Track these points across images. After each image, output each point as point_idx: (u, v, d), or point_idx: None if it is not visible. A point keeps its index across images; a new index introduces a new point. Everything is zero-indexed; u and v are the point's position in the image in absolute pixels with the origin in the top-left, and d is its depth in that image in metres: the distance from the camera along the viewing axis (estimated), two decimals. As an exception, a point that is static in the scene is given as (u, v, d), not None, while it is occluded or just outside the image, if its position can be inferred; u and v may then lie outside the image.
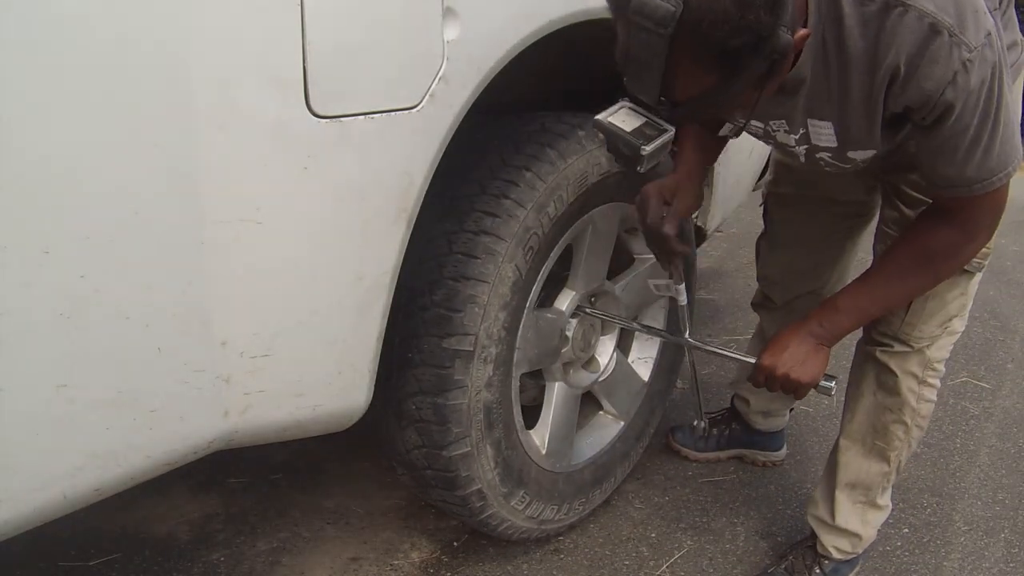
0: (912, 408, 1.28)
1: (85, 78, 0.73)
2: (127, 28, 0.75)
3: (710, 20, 0.77)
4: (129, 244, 0.79)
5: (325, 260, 0.95)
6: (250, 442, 0.99)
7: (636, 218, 1.23)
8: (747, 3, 0.77)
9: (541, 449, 1.40)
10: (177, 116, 0.80)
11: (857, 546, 1.40)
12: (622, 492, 1.70)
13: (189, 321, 0.85)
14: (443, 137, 1.03)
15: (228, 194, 0.85)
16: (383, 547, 1.50)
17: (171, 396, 0.87)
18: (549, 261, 1.30)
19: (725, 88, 0.84)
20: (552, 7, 1.14)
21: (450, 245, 1.18)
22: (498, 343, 1.22)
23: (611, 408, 1.61)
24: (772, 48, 0.82)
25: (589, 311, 1.43)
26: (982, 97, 0.92)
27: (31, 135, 0.72)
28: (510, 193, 1.20)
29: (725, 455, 1.84)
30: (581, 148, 1.29)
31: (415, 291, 1.18)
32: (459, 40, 1.00)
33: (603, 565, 1.48)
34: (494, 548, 1.50)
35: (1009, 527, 1.66)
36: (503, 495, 1.33)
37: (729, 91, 0.85)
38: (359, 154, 0.94)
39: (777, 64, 0.85)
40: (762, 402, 1.74)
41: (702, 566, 1.49)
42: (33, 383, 0.76)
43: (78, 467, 0.81)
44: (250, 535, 1.52)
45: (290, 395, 0.98)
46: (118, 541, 1.50)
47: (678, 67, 0.81)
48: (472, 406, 1.21)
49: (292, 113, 0.87)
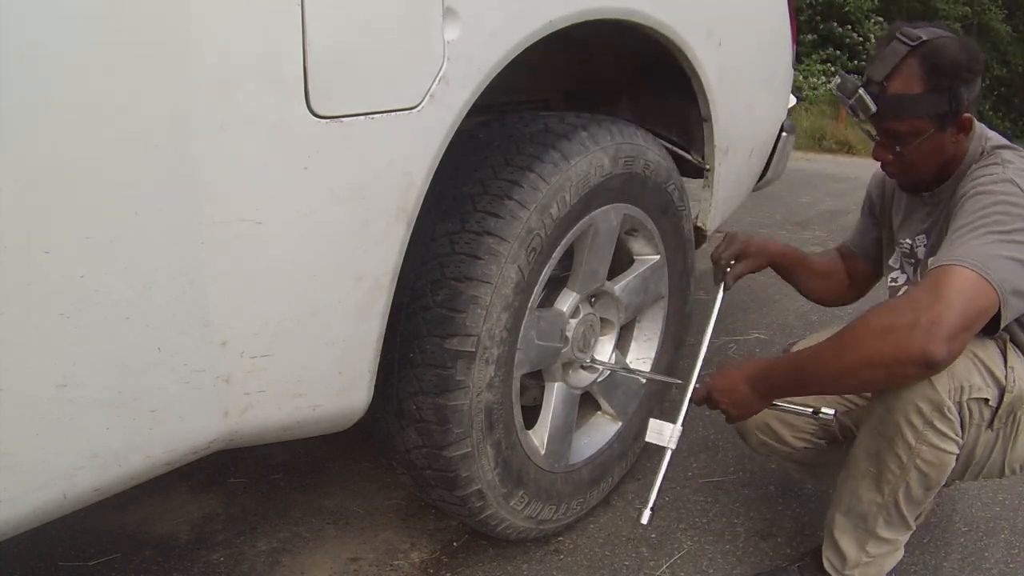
0: (908, 444, 1.16)
1: (85, 78, 0.73)
2: (127, 28, 0.75)
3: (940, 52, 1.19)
4: (129, 244, 0.79)
5: (325, 260, 0.95)
6: (250, 442, 0.99)
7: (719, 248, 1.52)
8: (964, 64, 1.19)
9: (540, 449, 1.40)
10: (177, 116, 0.80)
11: (846, 569, 1.32)
12: (622, 492, 1.70)
13: (189, 321, 0.86)
14: (443, 137, 1.03)
15: (228, 194, 0.85)
16: (383, 547, 1.50)
17: (171, 396, 0.87)
18: (551, 262, 1.30)
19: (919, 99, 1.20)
20: (552, 7, 1.14)
21: (453, 245, 1.18)
22: (500, 344, 1.22)
23: (609, 408, 1.61)
24: (958, 98, 1.19)
25: (590, 364, 1.51)
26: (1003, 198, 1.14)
27: (31, 135, 0.72)
28: (513, 194, 1.20)
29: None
30: (584, 149, 1.29)
31: (417, 291, 1.18)
32: (459, 40, 1.00)
33: (603, 565, 1.48)
34: (494, 548, 1.50)
35: (1009, 528, 1.66)
36: (502, 495, 1.33)
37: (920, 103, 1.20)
38: (359, 154, 0.94)
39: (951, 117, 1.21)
40: None
41: (702, 566, 1.49)
42: (33, 383, 0.76)
43: (78, 467, 0.81)
44: (250, 535, 1.52)
45: (290, 395, 0.98)
46: (118, 541, 1.50)
47: (904, 66, 1.20)
48: (473, 407, 1.21)
49: (292, 113, 0.87)
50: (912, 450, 1.16)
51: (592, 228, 1.37)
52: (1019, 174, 1.18)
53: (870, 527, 1.26)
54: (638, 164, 1.43)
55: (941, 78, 1.19)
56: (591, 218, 1.36)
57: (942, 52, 1.19)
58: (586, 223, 1.35)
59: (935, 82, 1.19)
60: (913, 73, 1.20)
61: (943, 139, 1.24)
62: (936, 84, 1.19)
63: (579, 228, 1.34)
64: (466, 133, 1.30)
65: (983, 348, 1.18)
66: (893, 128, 1.24)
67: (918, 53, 1.19)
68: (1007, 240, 1.10)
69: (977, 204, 1.16)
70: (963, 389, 1.14)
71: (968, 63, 1.20)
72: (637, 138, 1.44)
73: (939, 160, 1.27)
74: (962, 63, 1.19)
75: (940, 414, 1.13)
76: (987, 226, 1.11)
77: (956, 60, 1.19)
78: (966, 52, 1.20)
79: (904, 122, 1.23)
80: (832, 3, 11.45)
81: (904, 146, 1.25)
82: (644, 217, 1.52)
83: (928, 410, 1.13)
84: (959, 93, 1.19)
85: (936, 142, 1.24)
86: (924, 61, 1.19)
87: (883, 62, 1.22)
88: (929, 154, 1.26)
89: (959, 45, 1.21)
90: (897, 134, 1.25)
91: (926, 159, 1.27)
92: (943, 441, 1.15)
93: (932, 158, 1.27)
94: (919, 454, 1.16)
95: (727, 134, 1.71)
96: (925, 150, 1.25)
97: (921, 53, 1.19)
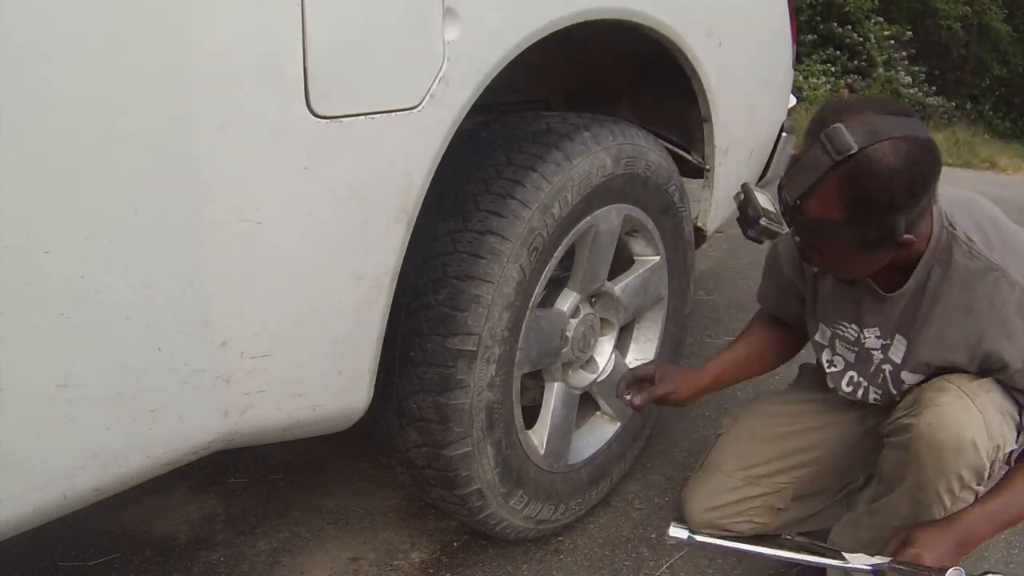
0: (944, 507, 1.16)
1: (85, 78, 0.73)
2: (127, 28, 0.75)
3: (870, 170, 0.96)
4: (129, 244, 0.79)
5: (325, 260, 0.95)
6: (250, 442, 0.99)
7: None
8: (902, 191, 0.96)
9: (540, 449, 1.40)
10: (177, 116, 0.80)
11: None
12: (622, 493, 1.70)
13: (189, 321, 0.86)
14: (443, 137, 1.03)
15: (228, 194, 0.85)
16: (383, 547, 1.50)
17: (171, 396, 0.87)
18: (552, 262, 1.30)
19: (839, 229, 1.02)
20: (552, 7, 1.14)
21: (455, 244, 1.18)
22: (501, 343, 1.22)
23: (608, 408, 1.61)
24: (891, 226, 1.00)
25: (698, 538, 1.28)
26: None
27: (31, 135, 0.72)
28: (516, 193, 1.20)
29: None
30: (586, 149, 1.29)
31: (419, 290, 1.18)
32: (459, 40, 1.00)
33: (603, 566, 1.48)
34: (494, 548, 1.50)
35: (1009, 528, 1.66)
36: (502, 495, 1.33)
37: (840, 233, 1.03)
38: (359, 154, 0.94)
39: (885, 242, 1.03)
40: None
41: (702, 567, 1.49)
42: (33, 383, 0.76)
43: (78, 467, 0.81)
44: (250, 535, 1.52)
45: (290, 395, 0.98)
46: (118, 541, 1.49)
47: (823, 186, 0.99)
48: (474, 406, 1.21)
49: (292, 113, 0.87)
50: (947, 510, 1.16)
51: (593, 228, 1.38)
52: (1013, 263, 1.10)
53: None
54: (639, 164, 1.43)
55: (867, 210, 0.98)
56: (592, 218, 1.36)
57: (872, 175, 0.95)
58: (587, 223, 1.35)
59: (859, 213, 0.99)
60: (833, 197, 0.99)
61: (879, 257, 1.08)
62: (860, 216, 0.99)
63: (580, 228, 1.34)
64: (468, 132, 1.30)
65: (1003, 395, 1.16)
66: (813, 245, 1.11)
67: (843, 171, 0.97)
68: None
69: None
70: (999, 447, 1.13)
71: (910, 185, 0.97)
72: (638, 138, 1.44)
73: (879, 265, 1.12)
74: (900, 188, 0.96)
75: (978, 477, 1.13)
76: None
77: (890, 186, 0.96)
78: (909, 171, 0.96)
79: (825, 244, 1.09)
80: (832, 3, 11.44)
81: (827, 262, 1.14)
82: (645, 218, 1.52)
83: (969, 476, 1.12)
84: (893, 223, 0.99)
85: (870, 258, 1.08)
86: (848, 184, 0.97)
87: (801, 175, 1.01)
88: (864, 264, 1.12)
89: (902, 159, 0.95)
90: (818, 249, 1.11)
91: (862, 267, 1.13)
92: (971, 496, 1.16)
93: (869, 266, 1.12)
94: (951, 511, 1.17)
95: (727, 134, 1.71)
96: (858, 263, 1.11)
97: (847, 172, 0.96)
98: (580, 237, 1.36)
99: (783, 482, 1.45)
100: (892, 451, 1.21)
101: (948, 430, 1.10)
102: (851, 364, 1.33)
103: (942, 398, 1.13)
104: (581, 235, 1.36)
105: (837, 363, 1.36)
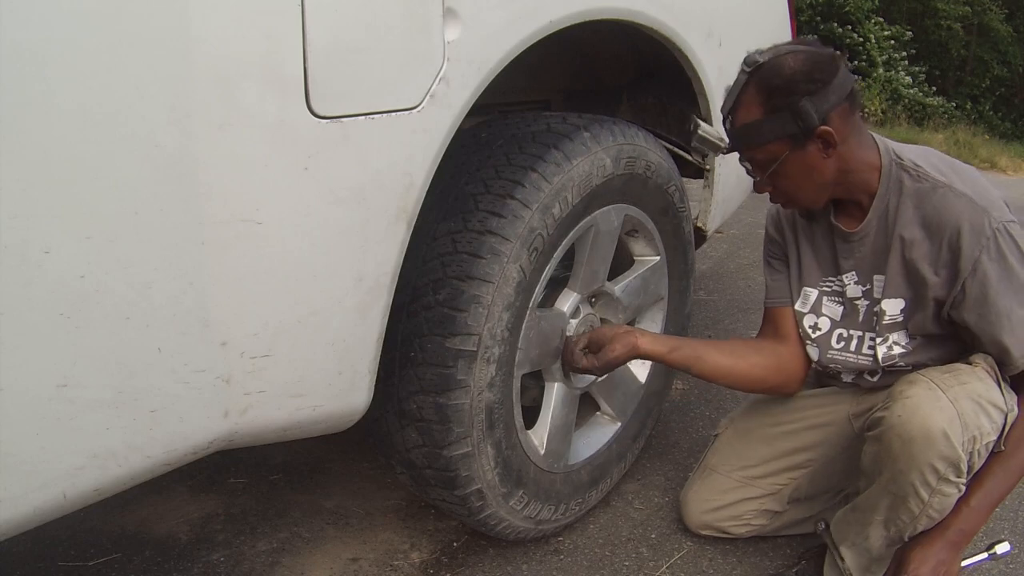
0: (921, 499, 1.17)
1: (85, 77, 0.73)
2: (127, 28, 0.75)
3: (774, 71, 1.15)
4: (129, 244, 0.79)
5: (325, 260, 0.95)
6: (250, 442, 0.99)
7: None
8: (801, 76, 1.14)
9: (540, 449, 1.40)
10: (177, 116, 0.80)
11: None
12: (622, 493, 1.70)
13: (189, 321, 0.86)
14: (444, 138, 1.03)
15: (228, 194, 0.85)
16: (383, 547, 1.50)
17: (171, 396, 0.87)
18: (552, 262, 1.30)
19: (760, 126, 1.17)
20: (553, 8, 1.14)
21: (455, 244, 1.18)
22: (501, 343, 1.22)
23: (608, 409, 1.61)
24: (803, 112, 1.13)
25: None
26: (1015, 264, 1.16)
27: (31, 135, 0.72)
28: (516, 193, 1.20)
29: None
30: (586, 149, 1.29)
31: (419, 290, 1.18)
32: (459, 40, 1.01)
33: (603, 566, 1.48)
34: (494, 549, 1.50)
35: (1009, 528, 1.66)
36: (502, 495, 1.33)
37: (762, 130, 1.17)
38: (359, 154, 0.94)
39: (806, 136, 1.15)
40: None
41: (702, 567, 1.49)
42: (33, 383, 0.76)
43: (78, 467, 0.81)
44: (250, 535, 1.52)
45: (290, 396, 0.98)
46: (118, 541, 1.50)
47: (743, 96, 1.19)
48: (474, 406, 1.21)
49: (292, 113, 0.87)
50: (925, 503, 1.17)
51: (593, 228, 1.38)
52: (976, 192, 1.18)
53: (875, 555, 1.28)
54: (639, 165, 1.43)
55: (777, 98, 1.15)
56: (592, 218, 1.36)
57: (776, 71, 1.15)
58: (587, 223, 1.36)
59: (772, 104, 1.16)
60: (752, 100, 1.18)
61: (807, 158, 1.18)
62: (773, 105, 1.16)
63: (580, 228, 1.34)
64: (468, 132, 1.30)
65: (984, 384, 1.18)
66: (751, 157, 1.23)
67: (755, 78, 1.17)
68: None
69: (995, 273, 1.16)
70: (975, 439, 1.14)
71: (808, 73, 1.14)
72: (638, 139, 1.44)
73: (819, 179, 1.21)
74: (799, 75, 1.14)
75: (955, 469, 1.13)
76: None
77: (791, 75, 1.14)
78: (806, 63, 1.15)
79: (756, 150, 1.21)
80: (832, 3, 11.45)
81: (770, 174, 1.22)
82: (645, 218, 1.52)
83: (943, 468, 1.13)
84: (802, 108, 1.13)
85: (801, 163, 1.19)
86: (760, 85, 1.16)
87: (729, 96, 1.21)
88: (801, 176, 1.21)
89: (801, 57, 1.16)
90: (757, 163, 1.23)
91: (802, 181, 1.22)
92: (952, 489, 1.16)
93: (808, 179, 1.21)
94: (931, 506, 1.17)
95: (727, 134, 1.71)
96: (793, 173, 1.21)
97: (757, 78, 1.17)
98: (580, 237, 1.36)
99: (779, 483, 1.46)
100: (869, 445, 1.24)
101: (916, 421, 1.12)
102: (837, 322, 1.36)
103: (912, 390, 1.16)
104: (581, 235, 1.36)
105: (822, 325, 1.37)
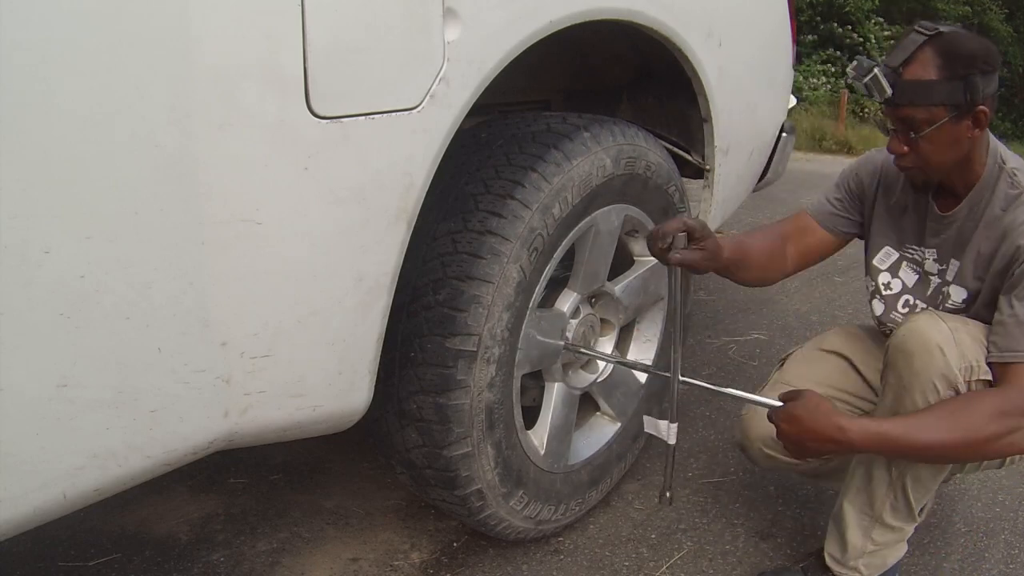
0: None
1: (85, 77, 0.73)
2: (127, 28, 0.75)
3: (958, 42, 1.21)
4: (129, 244, 0.79)
5: (325, 260, 0.95)
6: (250, 442, 0.99)
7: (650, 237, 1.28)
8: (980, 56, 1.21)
9: (540, 449, 1.40)
10: (177, 116, 0.80)
11: (849, 560, 1.33)
12: (622, 493, 1.70)
13: (189, 321, 0.86)
14: (443, 138, 1.03)
15: (228, 194, 0.85)
16: (383, 547, 1.50)
17: (171, 396, 0.87)
18: (552, 262, 1.30)
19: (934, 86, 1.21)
20: (553, 8, 1.14)
21: (455, 244, 1.18)
22: (501, 344, 1.22)
23: (608, 409, 1.61)
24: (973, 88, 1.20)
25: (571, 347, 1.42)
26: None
27: (31, 135, 0.72)
28: (516, 193, 1.20)
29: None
30: (586, 150, 1.29)
31: (419, 290, 1.18)
32: (459, 41, 1.00)
33: (603, 566, 1.48)
34: (494, 549, 1.50)
35: (1009, 528, 1.66)
36: (502, 495, 1.33)
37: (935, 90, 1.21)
38: (359, 154, 0.94)
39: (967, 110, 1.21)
40: None
41: (702, 567, 1.49)
42: (33, 383, 0.76)
43: (78, 467, 0.81)
44: (250, 535, 1.52)
45: (290, 396, 0.98)
46: (118, 541, 1.50)
47: (921, 53, 1.22)
48: (474, 406, 1.21)
49: (292, 113, 0.87)
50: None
51: (593, 228, 1.38)
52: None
53: (876, 513, 1.29)
54: (639, 165, 1.43)
55: (957, 67, 1.21)
56: (592, 218, 1.36)
57: (959, 42, 1.22)
58: (587, 223, 1.35)
59: (951, 70, 1.21)
60: (929, 61, 1.22)
61: (958, 132, 1.24)
62: (951, 72, 1.21)
63: (580, 228, 1.34)
64: (468, 132, 1.30)
65: (982, 329, 1.23)
66: (908, 115, 1.25)
67: (935, 42, 1.22)
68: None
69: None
70: (972, 368, 1.18)
71: (985, 56, 1.22)
72: (638, 139, 1.44)
73: (954, 155, 1.27)
74: (978, 54, 1.22)
75: (954, 390, 1.17)
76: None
77: (972, 51, 1.21)
78: (983, 46, 1.23)
79: (919, 108, 1.24)
80: (832, 3, 11.45)
81: (919, 134, 1.25)
82: (645, 218, 1.52)
83: (943, 388, 1.17)
84: (975, 83, 1.21)
85: (951, 134, 1.24)
86: (940, 50, 1.21)
87: (901, 50, 1.24)
88: (944, 146, 1.25)
89: (977, 39, 1.24)
90: (912, 121, 1.25)
91: (941, 152, 1.26)
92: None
93: (947, 151, 1.26)
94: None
95: (727, 135, 1.71)
96: (939, 141, 1.25)
97: (938, 42, 1.22)
98: (580, 237, 1.36)
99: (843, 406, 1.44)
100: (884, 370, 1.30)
101: (915, 337, 1.21)
102: (909, 288, 1.42)
103: (916, 317, 1.25)
104: (581, 235, 1.36)
105: (895, 286, 1.43)
